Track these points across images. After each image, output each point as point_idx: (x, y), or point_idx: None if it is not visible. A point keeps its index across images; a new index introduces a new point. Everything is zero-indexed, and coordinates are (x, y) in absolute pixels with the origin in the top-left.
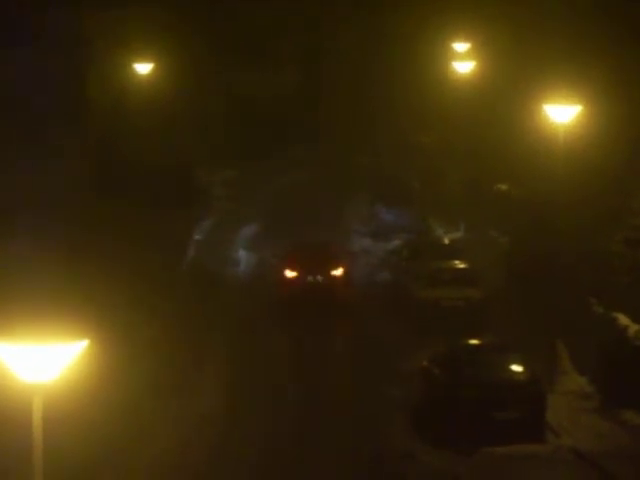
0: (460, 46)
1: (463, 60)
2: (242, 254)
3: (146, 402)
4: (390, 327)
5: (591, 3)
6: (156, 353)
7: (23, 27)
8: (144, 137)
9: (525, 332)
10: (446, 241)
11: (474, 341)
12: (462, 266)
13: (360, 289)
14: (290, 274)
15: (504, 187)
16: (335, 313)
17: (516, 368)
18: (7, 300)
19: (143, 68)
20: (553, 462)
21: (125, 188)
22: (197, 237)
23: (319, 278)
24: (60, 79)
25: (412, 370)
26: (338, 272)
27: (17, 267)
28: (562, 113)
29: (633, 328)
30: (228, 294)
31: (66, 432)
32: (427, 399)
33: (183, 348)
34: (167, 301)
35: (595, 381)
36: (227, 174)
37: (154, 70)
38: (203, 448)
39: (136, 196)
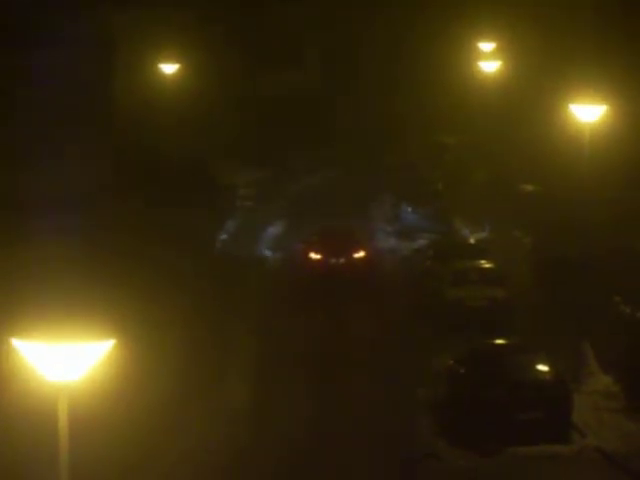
0: (486, 46)
1: (489, 60)
2: (268, 253)
3: (173, 402)
4: (415, 326)
5: (617, 3)
6: (183, 353)
7: (49, 28)
8: (168, 136)
9: (550, 332)
10: (471, 241)
11: (500, 341)
12: (487, 266)
13: (385, 288)
14: (315, 257)
15: (529, 187)
16: (356, 297)
17: (542, 368)
18: (32, 299)
19: (169, 68)
20: (578, 462)
21: (148, 187)
22: (223, 237)
23: (341, 260)
24: (85, 79)
25: (437, 369)
26: (359, 255)
27: (40, 266)
28: (588, 113)
29: None
30: (255, 291)
31: (92, 432)
32: (452, 399)
33: (210, 347)
34: (193, 300)
35: (620, 381)
36: (252, 174)
37: (179, 70)
38: (230, 449)
39: (159, 196)
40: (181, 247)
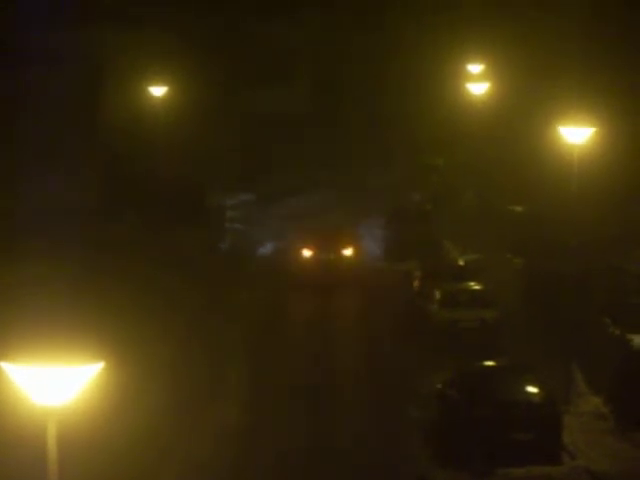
0: (474, 67)
1: (477, 81)
2: (260, 273)
3: (163, 424)
4: (406, 348)
5: (604, 26)
6: (173, 373)
7: (40, 48)
8: (158, 158)
9: (540, 353)
10: (461, 262)
11: (490, 362)
12: (477, 287)
13: (375, 310)
14: (306, 253)
15: (518, 208)
16: (345, 290)
17: (532, 389)
18: (22, 321)
19: (157, 91)
20: None
21: (139, 209)
22: (213, 256)
23: (331, 256)
24: (75, 100)
25: (428, 391)
26: (348, 251)
27: (32, 288)
28: (576, 134)
29: None
30: (247, 309)
31: (82, 457)
32: (443, 420)
33: (200, 367)
34: (184, 321)
35: (610, 402)
36: (241, 196)
37: (168, 92)
38: (221, 469)
39: (150, 216)
40: (172, 267)
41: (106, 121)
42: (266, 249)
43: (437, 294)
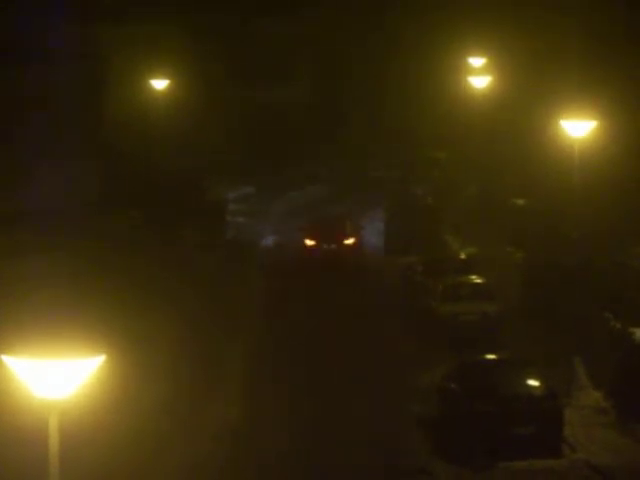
0: (476, 61)
1: (479, 75)
2: (261, 269)
3: (164, 417)
4: (407, 342)
5: (606, 21)
6: (173, 366)
7: (40, 43)
8: (159, 152)
9: (542, 347)
10: (462, 256)
11: (491, 356)
12: (479, 281)
13: (376, 303)
14: (310, 243)
15: (520, 202)
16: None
17: (533, 383)
18: (22, 315)
19: (159, 84)
20: (569, 477)
21: (139, 204)
22: (214, 251)
23: (333, 246)
24: (76, 96)
25: (430, 385)
26: (349, 241)
27: (32, 282)
28: (577, 128)
29: None
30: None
31: (82, 451)
32: (443, 414)
33: (201, 362)
34: (184, 315)
35: (611, 396)
36: (242, 190)
37: (170, 86)
38: (219, 466)
39: (152, 213)
40: (173, 262)
41: (108, 116)
42: (268, 241)
43: (438, 287)
